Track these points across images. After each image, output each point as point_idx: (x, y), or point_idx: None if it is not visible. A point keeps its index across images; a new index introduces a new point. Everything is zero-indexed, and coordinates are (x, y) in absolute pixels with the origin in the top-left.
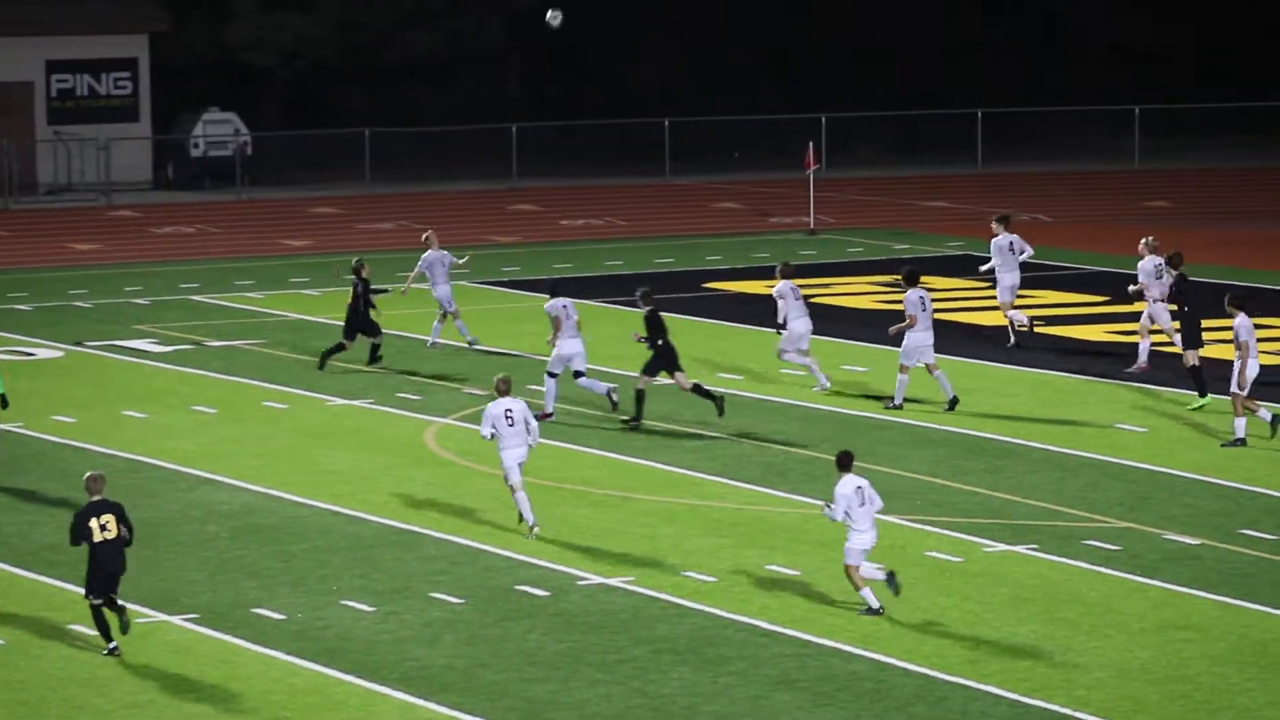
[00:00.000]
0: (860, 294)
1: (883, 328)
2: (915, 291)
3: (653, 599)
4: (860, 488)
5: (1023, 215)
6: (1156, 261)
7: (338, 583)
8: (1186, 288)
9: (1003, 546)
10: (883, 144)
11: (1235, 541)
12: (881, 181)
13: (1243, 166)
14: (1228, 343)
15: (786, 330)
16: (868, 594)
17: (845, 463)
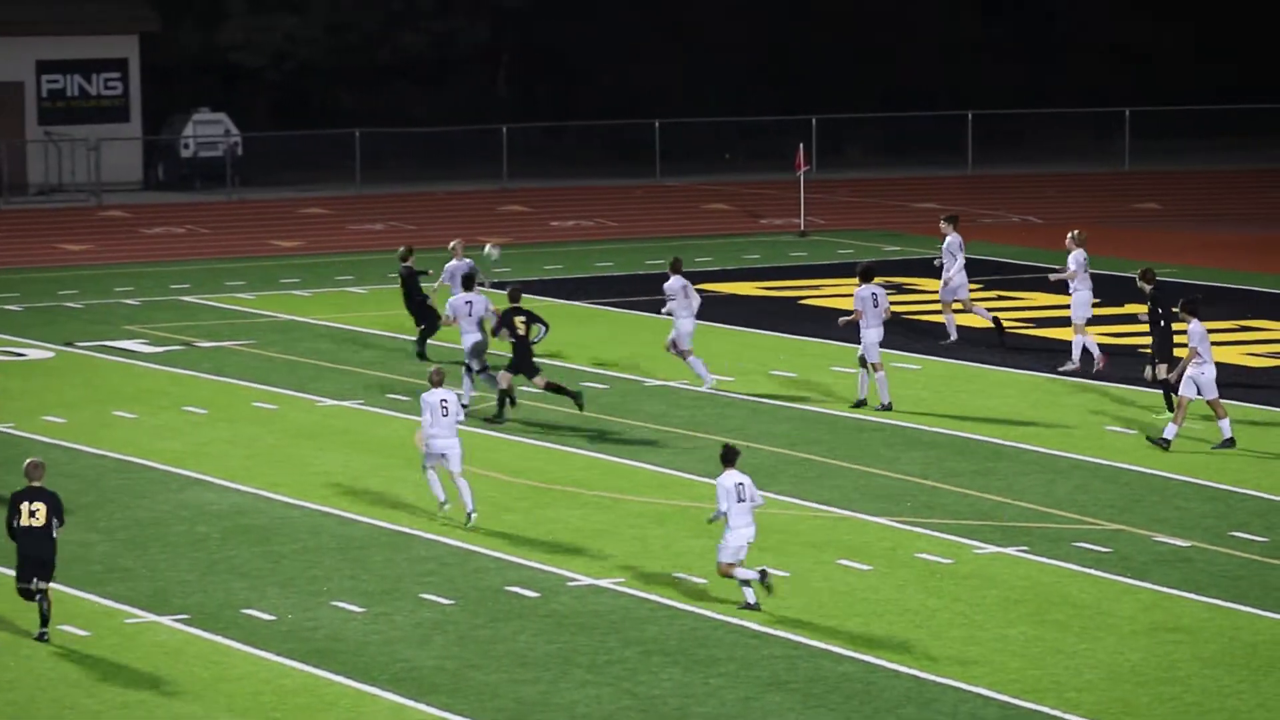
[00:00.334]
0: (850, 296)
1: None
2: (867, 288)
3: (643, 600)
4: (741, 484)
5: (1013, 217)
6: (1085, 255)
7: (328, 583)
8: (1161, 301)
9: (993, 548)
10: (873, 145)
11: (1225, 544)
12: (872, 183)
13: (1232, 169)
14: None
15: (676, 327)
16: (747, 591)
17: (729, 458)
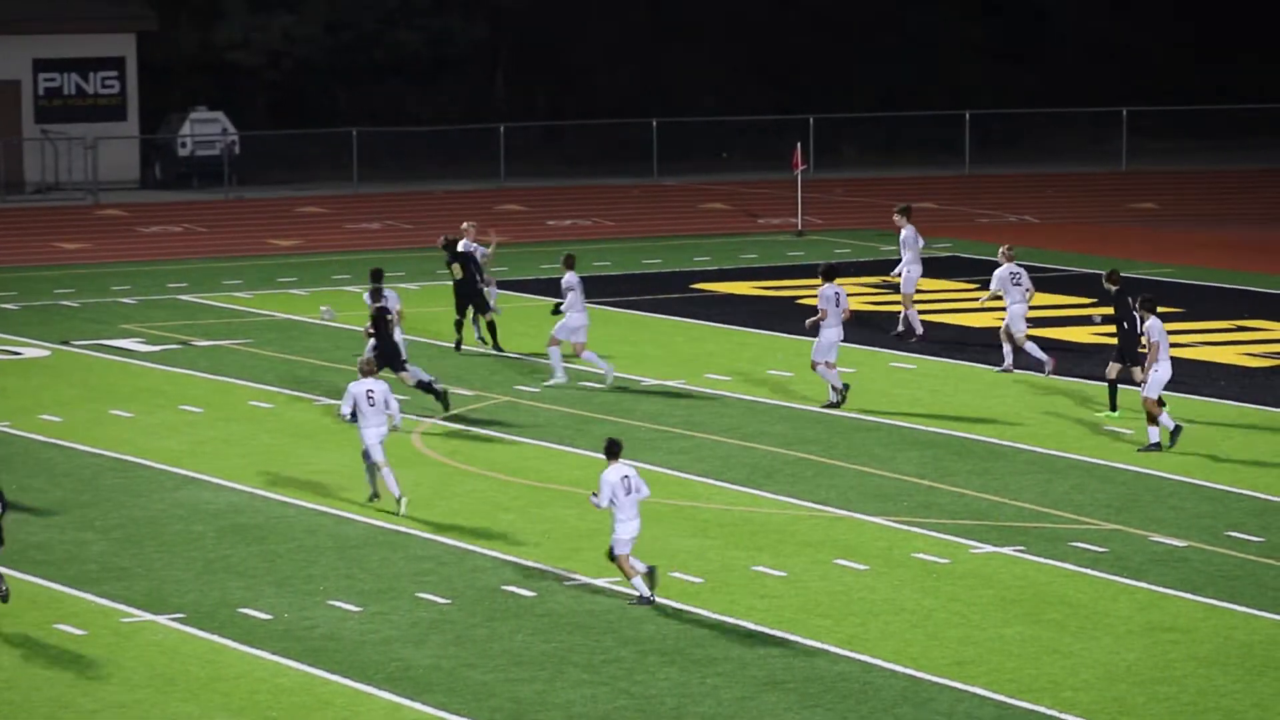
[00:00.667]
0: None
1: (872, 329)
2: (830, 287)
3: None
4: (627, 476)
5: (1010, 217)
6: (1012, 269)
7: (324, 583)
8: (1123, 302)
9: (989, 548)
10: (870, 145)
11: (1222, 544)
12: (869, 182)
13: (1230, 169)
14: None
15: (564, 320)
16: (638, 582)
17: (614, 451)
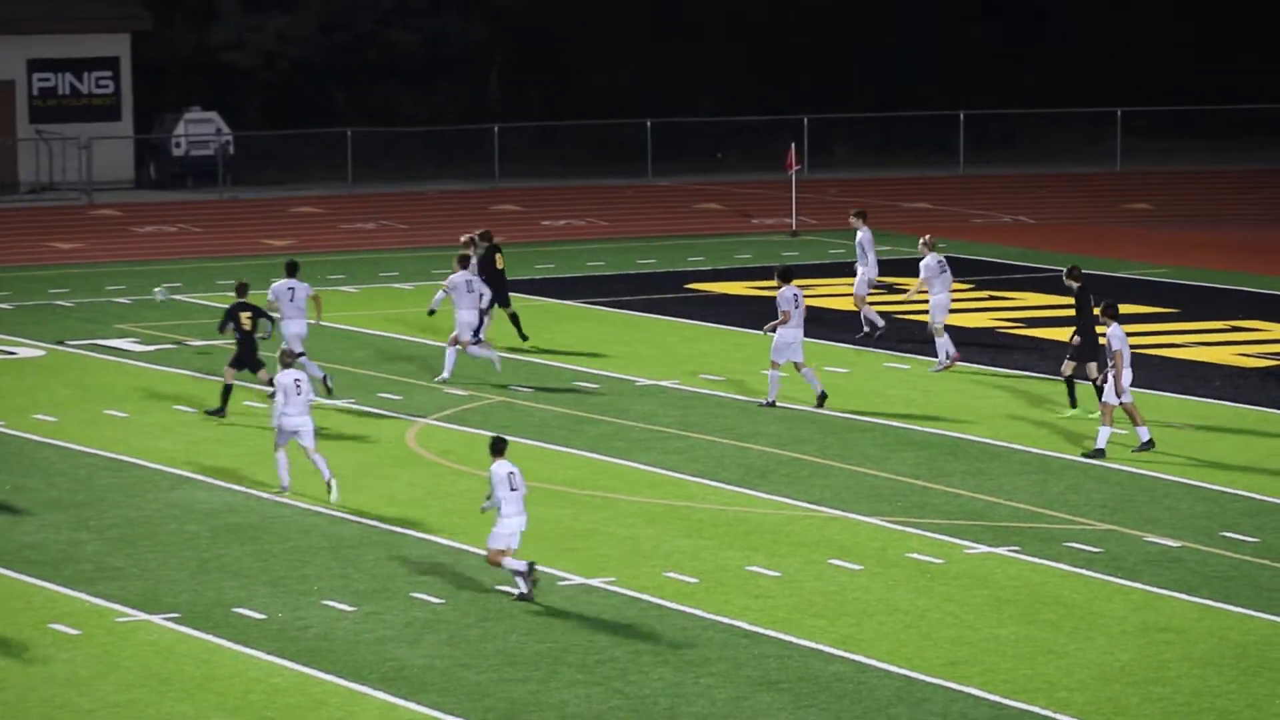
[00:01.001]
0: (842, 295)
1: (863, 328)
2: (789, 289)
3: (634, 600)
4: (512, 473)
5: (1004, 217)
6: (938, 258)
7: (318, 583)
8: (1085, 300)
9: (984, 548)
10: (864, 145)
11: (1216, 544)
12: (863, 183)
13: (1224, 169)
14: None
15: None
16: (519, 580)
17: (499, 448)
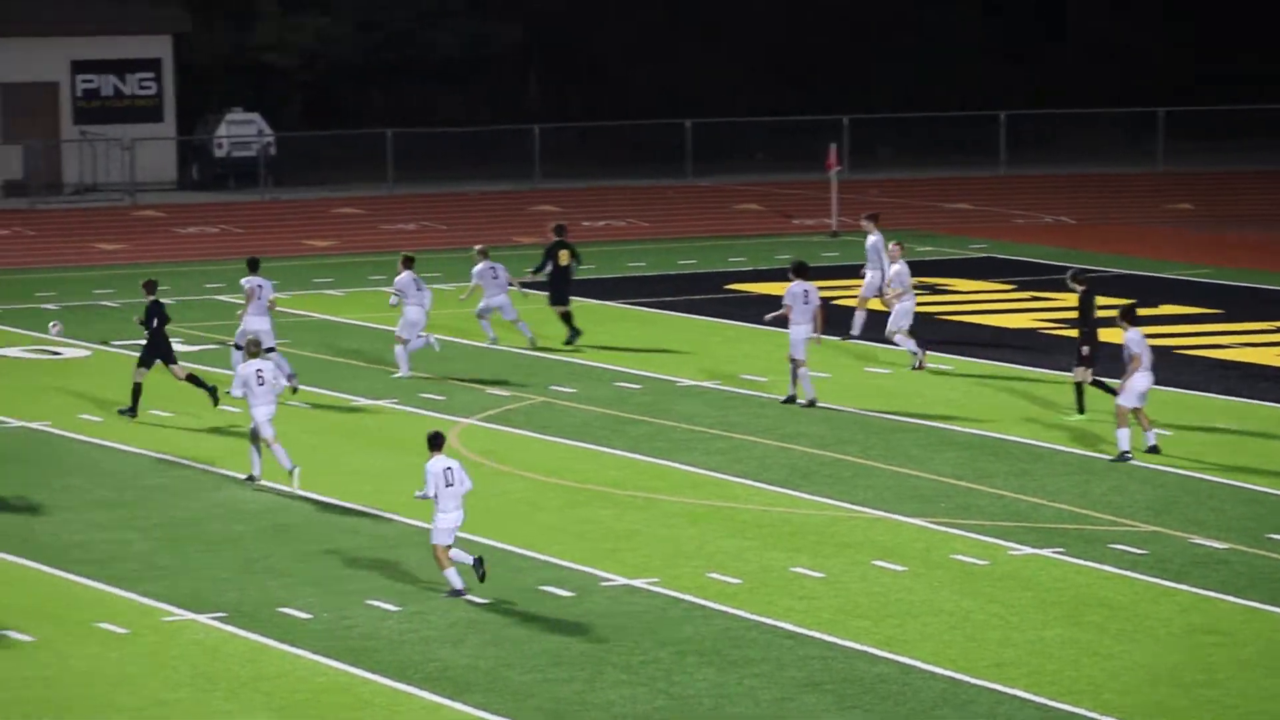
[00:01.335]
0: (879, 296)
1: (918, 330)
2: (799, 284)
3: (677, 600)
4: (450, 469)
5: (1046, 217)
6: (906, 265)
7: (363, 582)
8: (1089, 304)
9: (1028, 550)
10: (904, 146)
11: (1263, 546)
12: (903, 183)
13: (1266, 169)
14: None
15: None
16: (451, 574)
17: (436, 443)
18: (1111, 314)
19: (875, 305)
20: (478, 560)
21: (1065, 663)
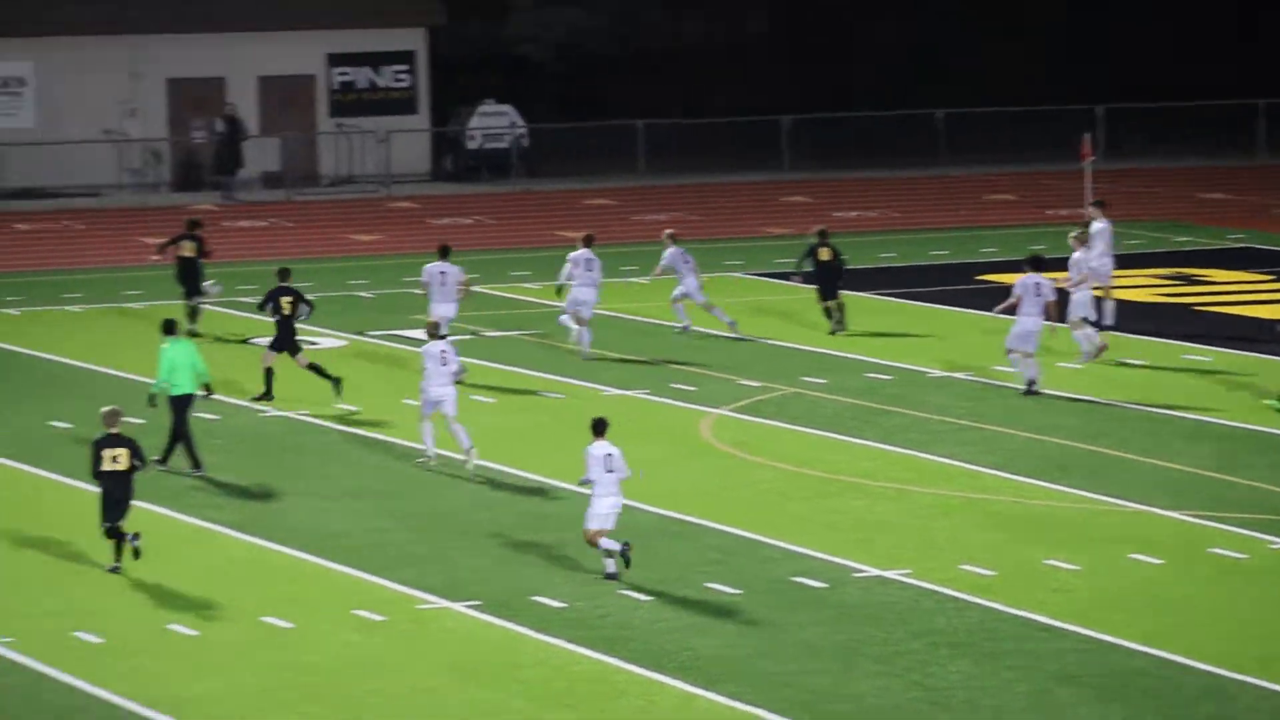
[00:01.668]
0: (1140, 286)
1: (1162, 320)
2: (1030, 276)
3: (930, 592)
4: (610, 455)
5: None
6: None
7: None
8: None
9: None
10: (1158, 134)
11: None
12: (1158, 172)
13: None
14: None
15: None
16: (608, 561)
17: (599, 429)
18: None
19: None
20: (625, 546)
21: None
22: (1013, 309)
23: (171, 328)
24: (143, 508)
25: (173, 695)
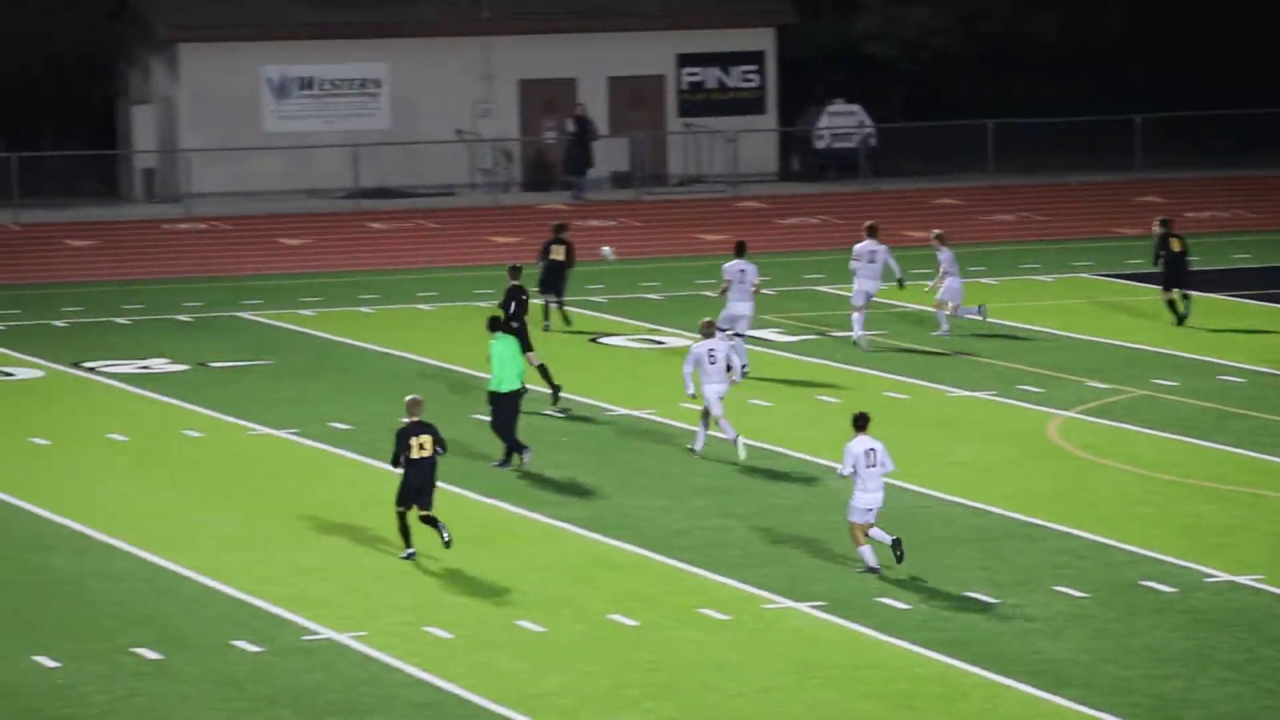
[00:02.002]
0: None
1: None
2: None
3: None
4: (872, 449)
5: None
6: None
7: (961, 573)
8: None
9: None
10: None
11: None
12: None
13: None
14: None
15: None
16: (866, 551)
17: (860, 423)
18: None
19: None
20: (895, 541)
21: None
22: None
23: (497, 324)
24: (491, 504)
25: (520, 691)
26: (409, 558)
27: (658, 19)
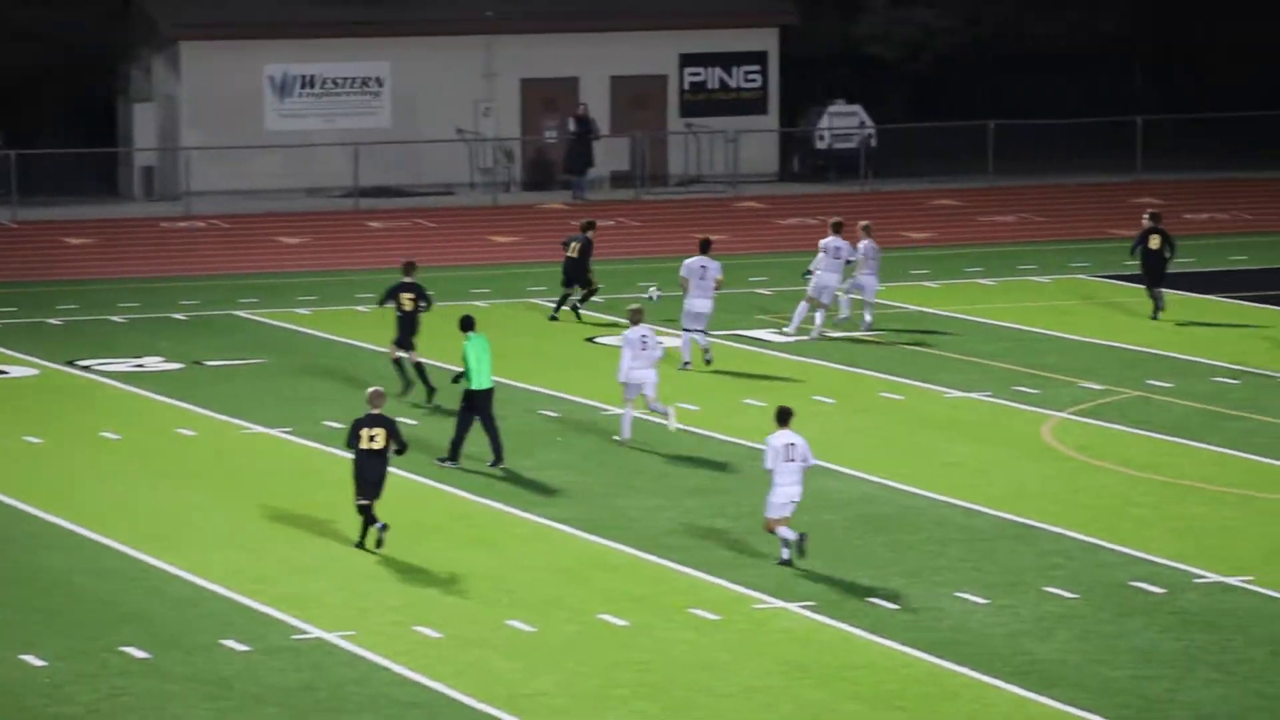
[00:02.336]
0: None
1: None
2: None
3: (1273, 599)
4: (793, 444)
5: None
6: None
7: (952, 574)
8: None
9: None
10: None
11: None
12: None
13: None
14: None
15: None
16: (785, 531)
17: (783, 418)
18: None
19: None
20: (801, 537)
21: None
22: None
23: (469, 324)
24: (483, 504)
25: (510, 691)
26: (360, 547)
27: (660, 19)
